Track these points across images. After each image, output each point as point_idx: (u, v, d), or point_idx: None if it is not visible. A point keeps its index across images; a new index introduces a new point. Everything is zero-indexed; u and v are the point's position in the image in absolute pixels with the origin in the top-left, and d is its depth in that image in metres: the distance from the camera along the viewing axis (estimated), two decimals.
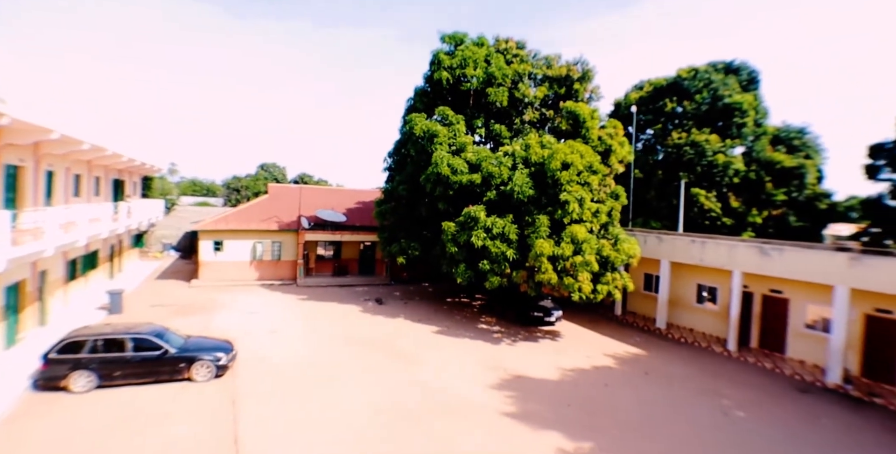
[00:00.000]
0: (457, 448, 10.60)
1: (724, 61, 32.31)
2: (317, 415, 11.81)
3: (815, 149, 30.69)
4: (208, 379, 13.69)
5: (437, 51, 24.52)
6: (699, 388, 14.97)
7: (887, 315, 15.39)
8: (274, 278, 29.96)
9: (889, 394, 14.66)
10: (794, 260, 16.89)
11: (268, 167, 73.37)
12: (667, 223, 30.40)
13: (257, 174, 70.90)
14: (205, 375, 13.70)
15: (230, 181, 70.22)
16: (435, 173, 20.26)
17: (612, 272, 18.40)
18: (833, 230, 35.42)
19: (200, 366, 13.66)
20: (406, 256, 23.06)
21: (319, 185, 69.58)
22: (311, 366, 15.29)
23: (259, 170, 72.15)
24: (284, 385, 13.64)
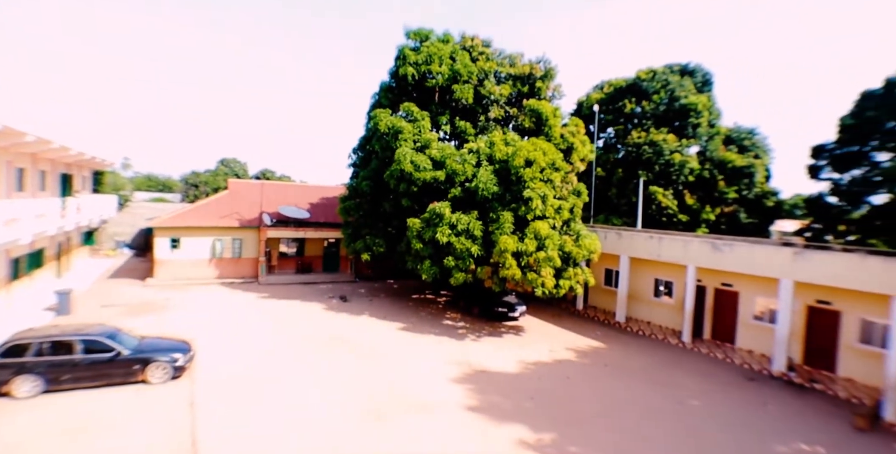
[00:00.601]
0: (419, 443, 10.67)
1: (681, 63, 33.44)
2: (280, 417, 11.65)
3: (764, 149, 32.18)
4: (165, 381, 13.29)
5: (403, 46, 24.42)
6: (656, 379, 15.53)
7: (827, 306, 16.35)
8: (235, 276, 29.27)
9: (828, 381, 15.60)
10: (744, 255, 17.71)
11: (228, 162, 71.41)
12: (627, 220, 31.30)
13: (217, 169, 68.93)
14: (161, 377, 13.29)
15: (188, 176, 68.05)
16: (399, 170, 20.22)
17: (573, 267, 18.83)
18: (779, 226, 37.29)
19: (156, 368, 13.24)
20: (371, 253, 22.96)
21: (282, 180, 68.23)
22: (273, 365, 15.06)
23: (219, 165, 70.13)
24: (245, 386, 13.38)
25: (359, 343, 17.70)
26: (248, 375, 14.08)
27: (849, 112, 27.26)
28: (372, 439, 10.72)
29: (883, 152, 26.07)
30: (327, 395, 12.95)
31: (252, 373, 14.30)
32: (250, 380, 13.71)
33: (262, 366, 14.84)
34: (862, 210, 26.78)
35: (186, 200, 61.57)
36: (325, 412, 11.96)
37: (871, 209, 26.04)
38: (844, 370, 15.96)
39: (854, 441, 11.83)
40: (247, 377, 13.95)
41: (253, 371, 14.44)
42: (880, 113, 25.55)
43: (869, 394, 14.51)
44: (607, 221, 31.49)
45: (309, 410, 12.01)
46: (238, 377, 13.91)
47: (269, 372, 14.44)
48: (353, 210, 24.63)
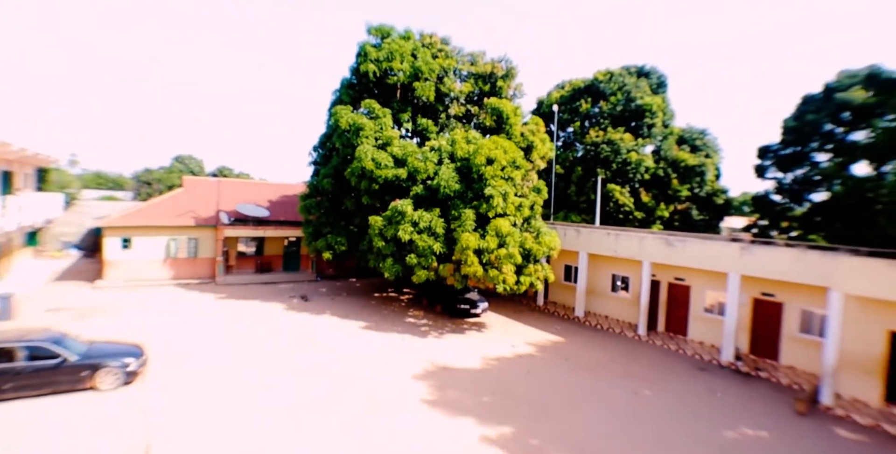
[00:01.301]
0: (380, 441, 10.66)
1: (637, 65, 34.43)
2: (238, 422, 11.40)
3: (714, 149, 33.54)
4: (116, 387, 12.75)
5: (364, 43, 24.22)
6: (613, 371, 16.01)
7: (771, 298, 17.23)
8: (191, 277, 28.38)
9: (771, 368, 16.46)
10: (695, 250, 18.45)
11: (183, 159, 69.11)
12: (585, 217, 32.04)
13: (172, 167, 66.64)
14: (112, 383, 12.75)
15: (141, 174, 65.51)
16: (360, 167, 20.08)
17: (534, 264, 19.15)
18: (729, 223, 39.00)
19: (106, 374, 12.70)
20: (332, 251, 22.72)
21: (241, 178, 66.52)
22: (231, 368, 14.71)
23: (174, 162, 67.80)
24: (202, 390, 13.02)
25: (319, 342, 17.49)
26: (205, 379, 13.71)
27: (791, 115, 28.76)
28: (332, 439, 10.64)
29: (822, 153, 27.64)
30: (287, 397, 12.76)
31: (208, 376, 13.93)
32: (207, 385, 13.34)
33: (219, 370, 14.47)
34: (804, 207, 28.32)
35: (139, 199, 59.28)
36: (285, 414, 11.79)
37: (812, 206, 27.56)
38: (787, 358, 16.87)
39: (795, 424, 12.54)
40: (203, 381, 13.58)
41: (209, 375, 14.06)
42: (819, 116, 27.06)
43: (808, 380, 15.39)
44: (567, 218, 32.16)
45: (268, 413, 11.80)
46: (194, 381, 13.52)
47: (226, 375, 14.09)
48: (314, 208, 24.28)
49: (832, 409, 13.51)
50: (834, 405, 13.63)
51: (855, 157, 25.57)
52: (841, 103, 26.23)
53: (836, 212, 25.26)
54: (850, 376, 14.08)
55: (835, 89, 27.06)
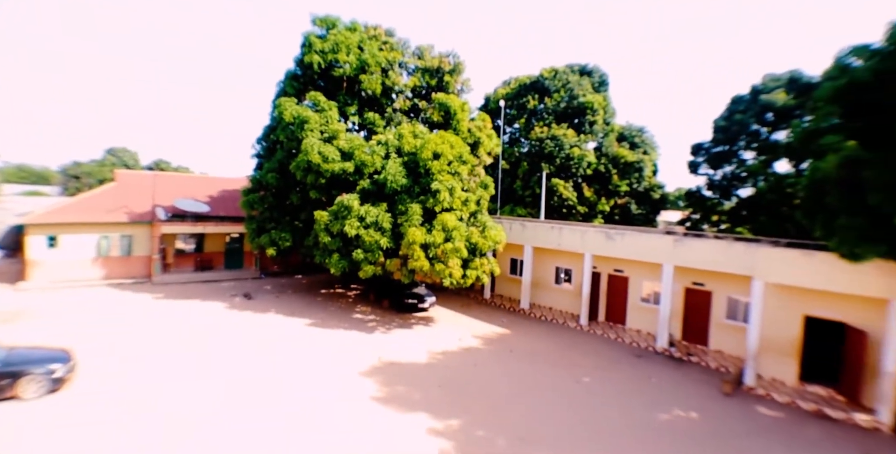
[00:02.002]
0: (327, 439, 10.57)
1: (580, 64, 35.38)
2: (176, 428, 10.98)
3: (652, 146, 35.05)
4: (41, 395, 11.94)
5: (309, 33, 23.61)
6: (556, 360, 16.53)
7: (701, 287, 18.29)
8: (125, 276, 26.89)
9: (701, 353, 17.51)
10: (632, 243, 19.28)
11: (116, 152, 65.28)
12: (531, 211, 32.76)
13: (104, 160, 62.76)
14: (36, 391, 11.93)
15: (69, 167, 61.23)
16: (305, 161, 19.65)
17: (480, 258, 19.41)
18: (665, 216, 40.96)
19: (29, 382, 11.85)
20: (276, 248, 22.14)
21: (179, 172, 63.59)
22: (168, 373, 14.10)
23: (106, 155, 63.88)
24: (136, 396, 12.42)
25: (263, 342, 17.05)
26: (139, 384, 13.08)
27: (721, 115, 30.47)
28: (278, 439, 10.44)
29: (748, 151, 29.47)
30: (229, 399, 12.38)
31: (144, 381, 13.30)
32: (141, 390, 12.73)
33: (156, 374, 13.84)
34: (732, 202, 30.15)
35: (67, 194, 55.46)
36: (228, 416, 11.45)
37: (739, 201, 29.37)
38: (715, 343, 17.98)
39: (721, 404, 13.42)
40: (137, 386, 12.95)
41: (144, 379, 13.43)
42: (746, 116, 28.81)
43: (734, 363, 16.47)
44: (513, 212, 32.77)
45: (209, 416, 11.42)
46: (127, 387, 12.87)
47: (163, 380, 13.50)
48: (258, 203, 23.54)
49: (754, 389, 14.54)
50: (756, 385, 14.67)
51: (777, 155, 27.45)
52: (765, 105, 28.04)
53: (760, 206, 27.06)
54: (770, 358, 15.19)
55: (760, 91, 28.88)
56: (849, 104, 12.45)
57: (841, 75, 12.75)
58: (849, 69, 12.78)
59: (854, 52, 13.00)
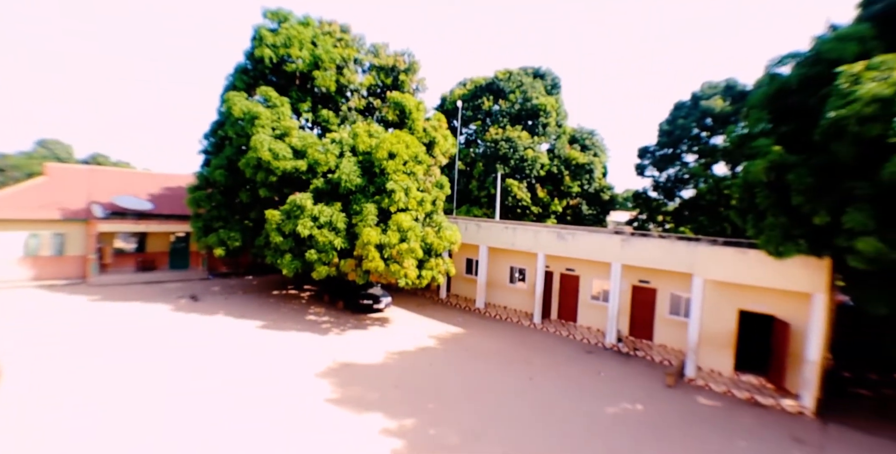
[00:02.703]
0: (279, 440, 10.37)
1: (534, 67, 36.14)
2: (118, 441, 10.47)
3: (602, 148, 36.27)
4: None
5: (260, 26, 23.01)
6: (510, 359, 16.85)
7: (647, 285, 19.10)
8: (56, 277, 25.31)
9: (647, 348, 18.31)
10: (583, 242, 19.89)
11: (48, 144, 61.34)
12: (487, 211, 33.20)
13: (34, 152, 58.77)
14: None
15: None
16: (255, 158, 19.14)
17: (435, 258, 19.49)
18: (614, 217, 42.47)
19: None
20: (225, 248, 21.45)
21: (119, 167, 60.35)
22: (104, 382, 13.38)
23: (37, 147, 59.86)
24: (68, 410, 11.74)
25: (211, 345, 16.49)
26: (71, 397, 12.36)
27: (665, 119, 31.87)
28: (231, 444, 10.14)
29: (690, 154, 30.99)
30: (174, 404, 11.92)
31: (76, 393, 12.58)
32: (73, 404, 12.04)
33: (89, 385, 13.11)
34: (675, 203, 31.63)
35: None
36: (175, 423, 11.01)
37: (682, 202, 30.85)
38: (660, 338, 18.84)
39: (664, 396, 14.09)
40: (70, 399, 12.24)
41: (77, 391, 12.71)
42: (688, 121, 30.28)
43: (677, 356, 17.33)
44: (468, 213, 33.10)
45: (155, 422, 10.96)
46: (58, 401, 12.13)
47: (97, 391, 12.80)
48: (205, 201, 22.71)
49: (694, 380, 15.35)
50: (696, 376, 15.49)
51: (716, 158, 29.03)
52: (705, 110, 29.59)
53: (700, 206, 28.54)
54: (709, 350, 16.06)
55: (700, 98, 30.44)
56: (777, 109, 13.37)
57: (771, 82, 13.67)
58: (777, 77, 13.72)
59: (783, 60, 13.97)
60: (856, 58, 11.55)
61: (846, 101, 10.26)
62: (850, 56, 11.67)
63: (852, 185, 10.55)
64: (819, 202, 11.08)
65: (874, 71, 10.44)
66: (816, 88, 12.23)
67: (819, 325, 13.34)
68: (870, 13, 13.46)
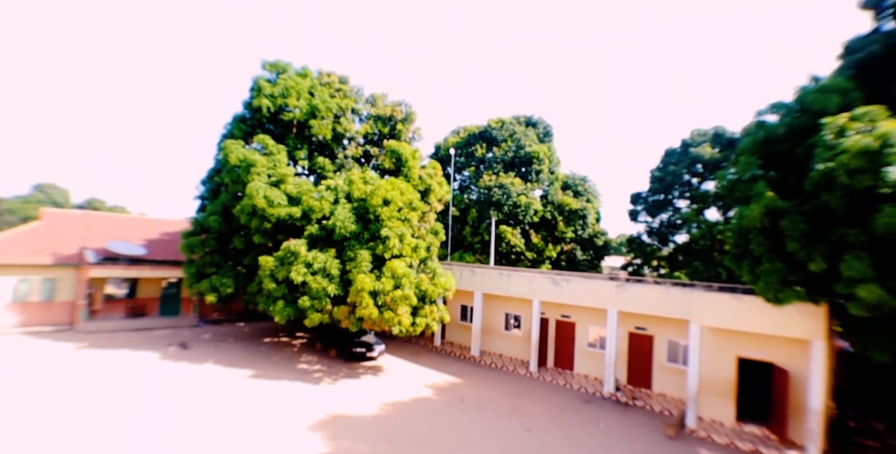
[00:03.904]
0: None
1: (526, 115, 37.27)
2: None
3: (594, 194, 36.83)
4: None
5: (258, 77, 23.81)
6: (506, 409, 16.34)
7: (643, 332, 18.87)
8: (44, 323, 24.76)
9: (646, 397, 17.84)
10: (578, 288, 19.80)
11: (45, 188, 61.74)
12: (480, 256, 33.19)
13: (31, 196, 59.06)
14: None
15: None
16: (250, 205, 19.28)
17: (430, 305, 19.29)
18: (609, 262, 42.51)
19: None
20: (217, 294, 21.19)
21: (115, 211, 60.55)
22: (86, 439, 12.87)
23: (34, 191, 60.22)
24: None
25: (199, 395, 15.95)
26: (52, 450, 11.85)
27: (657, 166, 32.60)
28: None
29: (682, 200, 31.51)
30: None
31: (59, 447, 12.06)
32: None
33: (71, 441, 12.60)
34: (669, 248, 31.81)
35: None
36: None
37: (676, 247, 31.04)
38: (658, 386, 18.40)
39: (665, 448, 13.58)
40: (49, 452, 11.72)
41: (61, 445, 12.18)
42: (679, 168, 30.99)
43: (677, 405, 16.86)
44: (462, 258, 33.08)
45: None
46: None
47: (77, 442, 12.29)
48: (198, 246, 22.66)
49: (696, 431, 14.86)
50: (697, 427, 15.01)
51: (707, 204, 29.49)
52: (695, 157, 30.35)
53: (694, 251, 28.68)
54: (709, 399, 15.67)
55: (689, 145, 31.31)
56: (766, 157, 13.75)
57: (759, 130, 14.12)
58: (765, 125, 14.20)
59: (770, 109, 14.51)
60: (839, 109, 12.04)
61: (834, 153, 10.57)
62: (833, 107, 12.17)
63: (846, 233, 10.69)
64: (814, 249, 11.18)
65: (858, 122, 10.84)
66: (803, 138, 12.65)
67: (819, 373, 13.12)
68: (850, 63, 14.15)
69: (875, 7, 14.97)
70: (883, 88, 12.93)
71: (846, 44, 14.98)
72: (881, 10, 14.74)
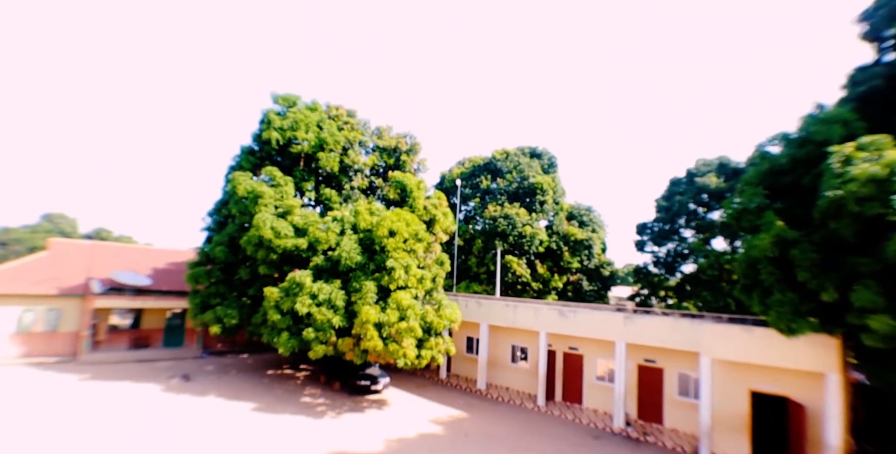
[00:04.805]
0: None
1: (530, 147, 37.77)
2: None
3: (600, 224, 36.84)
4: None
5: (268, 110, 24.35)
6: (513, 445, 15.88)
7: (653, 364, 18.50)
8: (47, 354, 24.58)
9: (658, 432, 17.31)
10: (585, 320, 19.56)
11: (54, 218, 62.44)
12: (486, 287, 32.98)
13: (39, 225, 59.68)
14: None
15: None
16: (257, 236, 19.40)
17: (435, 337, 19.07)
18: (616, 292, 42.11)
19: None
20: (222, 325, 21.06)
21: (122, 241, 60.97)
22: None
23: (42, 221, 60.88)
24: None
25: (200, 429, 15.64)
26: None
27: (662, 195, 32.70)
28: None
29: (688, 230, 31.42)
30: None
31: None
32: None
33: None
34: (676, 277, 31.51)
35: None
36: None
37: (683, 277, 30.75)
38: (670, 421, 17.88)
39: None
40: None
41: None
42: (685, 197, 31.05)
43: (689, 441, 16.33)
44: (468, 289, 32.87)
45: None
46: None
47: None
48: (204, 277, 22.68)
49: None
50: None
51: (714, 233, 29.39)
52: (700, 187, 30.45)
53: (701, 281, 28.38)
54: (723, 434, 15.21)
55: (694, 175, 31.46)
56: (771, 186, 13.79)
57: (763, 161, 14.24)
58: (769, 156, 14.31)
59: (774, 139, 14.66)
60: (842, 139, 12.17)
61: (842, 181, 10.61)
62: (837, 137, 12.30)
63: (857, 262, 10.61)
64: (825, 278, 11.08)
65: (864, 151, 10.93)
66: (808, 167, 12.74)
67: (836, 407, 12.77)
68: (854, 94, 14.37)
69: (876, 39, 15.34)
70: (886, 119, 13.09)
71: (849, 75, 15.26)
72: (882, 41, 15.09)
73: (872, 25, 15.35)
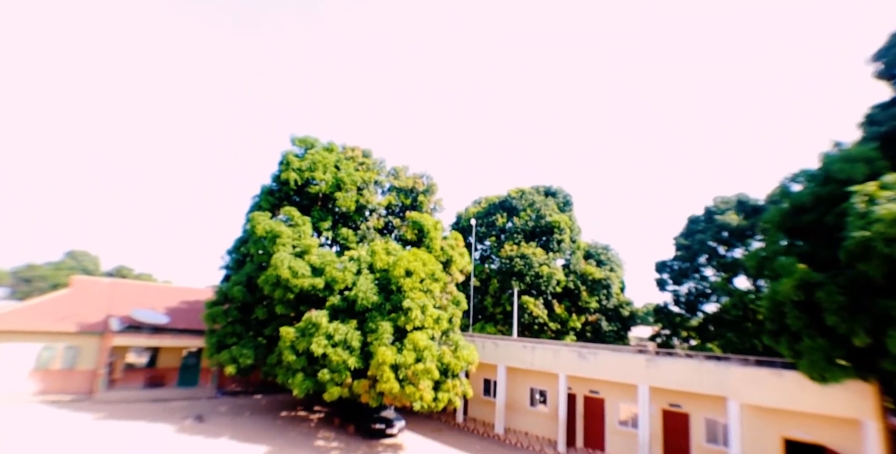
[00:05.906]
0: None
1: (545, 185, 38.01)
2: None
3: (618, 263, 36.42)
4: None
5: (287, 152, 25.05)
6: None
7: (678, 409, 17.78)
8: (64, 392, 24.55)
9: None
10: (606, 362, 19.04)
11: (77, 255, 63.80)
12: (502, 327, 32.49)
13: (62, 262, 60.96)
14: None
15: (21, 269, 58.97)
16: (275, 275, 19.55)
17: (452, 379, 18.67)
18: (636, 332, 41.09)
19: None
20: (237, 365, 20.93)
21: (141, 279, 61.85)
22: None
23: (65, 258, 62.23)
24: None
25: None
26: None
27: (681, 233, 32.36)
28: None
29: (709, 268, 30.86)
30: None
31: None
32: None
33: None
34: (698, 317, 30.71)
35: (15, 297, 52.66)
36: None
37: (706, 317, 29.97)
38: None
39: None
40: None
41: None
42: (705, 235, 30.69)
43: None
44: (483, 329, 32.40)
45: None
46: None
47: None
48: (221, 316, 22.75)
49: None
50: None
51: (736, 271, 28.81)
52: (721, 225, 30.10)
53: (725, 321, 27.61)
54: None
55: (713, 212, 31.18)
56: (793, 227, 13.61)
57: (783, 198, 14.11)
58: (790, 194, 14.19)
59: (796, 177, 14.59)
60: (865, 178, 12.05)
61: (867, 222, 10.43)
62: (860, 176, 12.20)
63: (888, 305, 10.28)
64: (855, 322, 10.73)
65: (888, 190, 10.80)
66: (830, 206, 12.59)
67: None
68: (873, 134, 14.34)
69: (891, 77, 15.47)
70: None
71: (867, 114, 15.32)
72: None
73: (887, 64, 15.53)
